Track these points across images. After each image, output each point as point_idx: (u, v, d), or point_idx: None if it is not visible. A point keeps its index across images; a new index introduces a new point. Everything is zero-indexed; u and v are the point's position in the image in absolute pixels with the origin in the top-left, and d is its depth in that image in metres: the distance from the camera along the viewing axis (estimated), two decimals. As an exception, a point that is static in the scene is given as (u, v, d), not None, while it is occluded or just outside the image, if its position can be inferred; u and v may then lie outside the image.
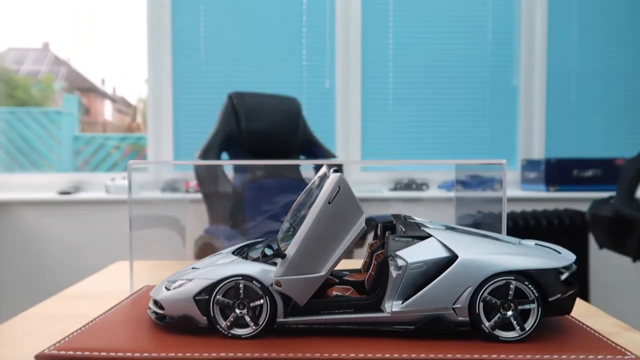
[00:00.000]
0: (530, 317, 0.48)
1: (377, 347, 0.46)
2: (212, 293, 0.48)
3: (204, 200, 1.89)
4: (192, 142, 2.38)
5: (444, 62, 2.44)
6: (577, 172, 2.16)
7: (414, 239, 0.50)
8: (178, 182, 2.24)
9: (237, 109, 2.00)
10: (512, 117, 2.47)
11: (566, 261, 0.50)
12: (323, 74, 2.45)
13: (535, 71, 2.44)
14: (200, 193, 1.93)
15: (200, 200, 1.91)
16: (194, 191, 2.22)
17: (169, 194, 2.11)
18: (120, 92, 3.45)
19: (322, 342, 0.48)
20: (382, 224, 0.60)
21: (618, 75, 2.45)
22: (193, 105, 2.43)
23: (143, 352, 0.45)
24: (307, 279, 0.47)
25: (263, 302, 0.48)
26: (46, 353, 0.45)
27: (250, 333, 0.49)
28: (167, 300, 0.50)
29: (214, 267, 0.51)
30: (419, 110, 2.45)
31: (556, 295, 0.48)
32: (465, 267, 0.48)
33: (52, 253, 2.22)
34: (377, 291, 0.50)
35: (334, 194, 0.46)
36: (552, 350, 0.46)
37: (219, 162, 1.88)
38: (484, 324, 0.48)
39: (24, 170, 2.55)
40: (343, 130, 2.44)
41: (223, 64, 2.42)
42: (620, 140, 2.43)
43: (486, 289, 0.48)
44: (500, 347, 0.46)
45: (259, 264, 0.50)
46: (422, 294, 0.48)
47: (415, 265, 0.48)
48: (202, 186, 1.93)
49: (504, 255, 0.49)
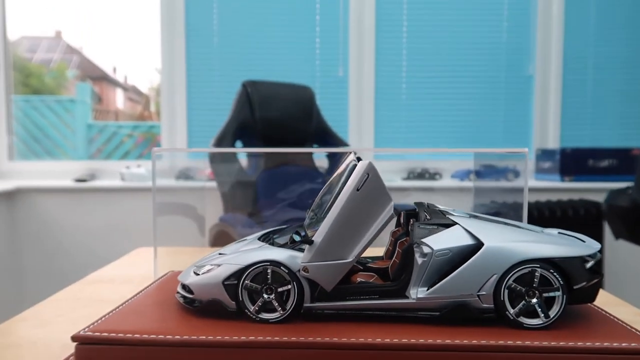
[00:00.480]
0: (554, 305, 0.48)
1: (402, 333, 0.47)
2: (241, 278, 0.49)
3: (218, 189, 1.91)
4: (206, 130, 2.40)
5: (459, 51, 2.42)
6: (592, 162, 2.14)
7: (439, 226, 0.51)
8: (191, 170, 2.26)
9: (251, 97, 2.00)
10: (527, 106, 2.45)
11: (591, 250, 0.50)
12: (336, 62, 2.45)
13: (551, 59, 2.41)
14: (215, 181, 1.94)
15: (215, 189, 1.93)
16: (208, 179, 2.24)
17: (190, 182, 2.13)
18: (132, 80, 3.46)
19: (348, 327, 0.48)
20: (405, 212, 0.60)
21: (635, 64, 2.42)
22: (206, 94, 2.44)
23: (175, 335, 0.46)
24: (334, 265, 0.48)
25: (290, 288, 0.49)
26: (82, 334, 0.46)
27: (277, 317, 0.49)
28: (196, 284, 0.51)
29: (242, 252, 0.52)
30: (433, 99, 2.44)
31: (581, 284, 0.48)
32: (491, 254, 0.48)
33: (70, 239, 2.25)
34: (402, 278, 0.50)
35: (362, 181, 0.46)
36: (577, 337, 0.46)
37: (238, 149, 1.89)
38: (509, 311, 0.48)
39: (39, 158, 2.58)
40: (356, 119, 2.44)
41: (236, 52, 2.42)
42: (636, 129, 2.41)
43: (511, 277, 0.48)
44: (525, 334, 0.47)
45: (286, 250, 0.51)
46: (447, 280, 0.48)
47: (441, 252, 0.49)
48: (216, 174, 1.94)
49: (529, 243, 0.49)
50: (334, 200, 0.48)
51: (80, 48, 3.35)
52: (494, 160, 2.06)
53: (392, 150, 2.73)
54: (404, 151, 2.79)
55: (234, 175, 1.88)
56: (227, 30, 2.42)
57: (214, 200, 1.93)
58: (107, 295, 0.71)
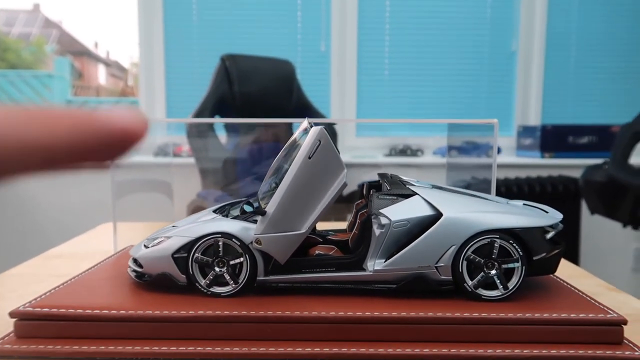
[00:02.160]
0: (513, 276, 0.47)
1: (359, 306, 0.46)
2: (191, 251, 0.47)
3: (196, 165, 1.88)
4: (185, 106, 2.35)
5: (442, 26, 2.39)
6: (572, 139, 2.14)
7: (398, 197, 0.49)
8: (169, 147, 2.22)
9: (230, 71, 1.96)
10: (510, 82, 2.43)
11: (552, 220, 0.49)
12: (318, 36, 2.40)
13: (535, 36, 2.39)
14: (193, 157, 1.91)
15: (193, 165, 1.89)
16: (187, 155, 2.20)
17: (159, 158, 2.09)
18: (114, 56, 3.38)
19: (303, 300, 0.47)
20: (368, 183, 0.59)
21: (618, 42, 2.40)
22: (185, 68, 2.38)
23: (120, 310, 0.44)
24: (287, 237, 0.46)
25: (243, 260, 0.48)
26: (21, 310, 0.44)
27: (229, 291, 0.48)
28: (145, 258, 0.49)
29: (194, 224, 0.50)
30: (415, 74, 2.41)
31: (541, 254, 0.47)
32: (449, 225, 0.47)
33: (40, 216, 2.21)
34: (359, 250, 0.49)
35: (314, 148, 0.44)
36: (535, 308, 0.45)
37: (208, 120, 1.85)
38: (467, 282, 0.47)
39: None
40: (338, 95, 2.40)
41: (216, 25, 2.36)
42: (617, 107, 2.41)
43: (470, 248, 0.47)
44: (483, 306, 0.46)
45: (239, 221, 0.49)
46: (404, 252, 0.47)
47: (399, 223, 0.47)
48: (193, 150, 1.91)
49: (489, 214, 0.48)
50: (287, 170, 0.46)
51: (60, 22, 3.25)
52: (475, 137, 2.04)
53: (362, 121, 2.69)
54: (377, 121, 2.75)
55: (212, 151, 1.84)
56: (207, 3, 2.35)
57: (191, 176, 1.91)
58: (66, 270, 0.69)
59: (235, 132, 1.93)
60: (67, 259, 0.75)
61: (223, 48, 2.18)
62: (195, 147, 1.90)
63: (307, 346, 0.43)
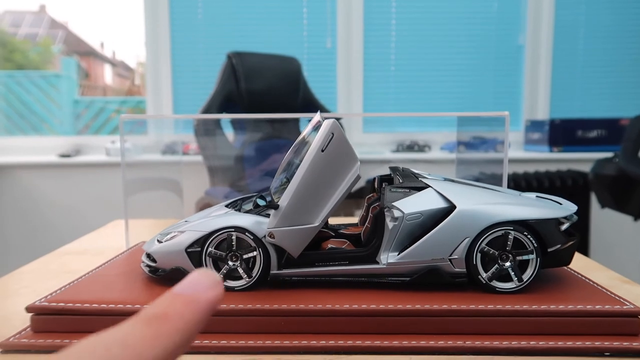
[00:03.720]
0: (528, 268, 0.47)
1: (372, 299, 0.46)
2: (204, 245, 0.48)
3: (204, 162, 1.88)
4: (192, 104, 2.36)
5: (448, 20, 2.37)
6: (581, 133, 2.13)
7: (411, 189, 0.49)
8: (178, 145, 2.22)
9: (236, 68, 1.96)
10: (517, 77, 2.42)
11: (567, 211, 0.48)
12: (324, 33, 2.39)
13: (542, 29, 2.37)
14: (201, 155, 1.91)
15: (201, 163, 1.90)
16: (194, 153, 2.20)
17: (168, 156, 2.09)
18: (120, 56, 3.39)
19: (316, 294, 0.47)
20: (379, 177, 0.58)
21: (626, 35, 2.38)
22: (192, 67, 2.38)
23: (135, 304, 0.45)
24: (300, 230, 0.46)
25: (256, 254, 0.48)
26: (37, 305, 0.44)
27: (243, 285, 0.48)
28: (158, 252, 0.49)
29: (207, 219, 0.50)
30: (422, 71, 2.40)
31: (555, 246, 0.47)
32: (463, 217, 0.46)
33: (53, 214, 2.23)
34: (372, 243, 0.49)
35: (327, 141, 0.44)
36: (550, 300, 0.45)
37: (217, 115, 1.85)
38: (481, 275, 0.47)
39: (24, 134, 2.53)
40: (345, 92, 2.40)
41: (222, 23, 2.36)
42: (626, 100, 2.39)
43: (484, 240, 0.46)
44: (497, 298, 0.46)
45: (252, 215, 0.49)
46: (418, 245, 0.47)
47: (412, 216, 0.47)
48: (201, 148, 1.91)
49: (503, 205, 0.47)
50: (299, 164, 0.46)
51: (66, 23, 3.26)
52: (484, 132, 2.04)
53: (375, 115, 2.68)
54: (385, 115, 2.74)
55: (220, 149, 1.85)
56: (213, 1, 2.35)
57: (200, 174, 1.91)
58: (77, 266, 0.69)
59: (242, 130, 1.93)
60: (79, 255, 0.75)
61: (229, 46, 2.19)
62: (203, 145, 1.91)
63: (321, 339, 0.43)
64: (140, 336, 0.19)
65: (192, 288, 0.22)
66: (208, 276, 0.23)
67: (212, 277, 0.23)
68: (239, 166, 1.85)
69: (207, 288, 0.22)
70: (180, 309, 0.21)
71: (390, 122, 2.49)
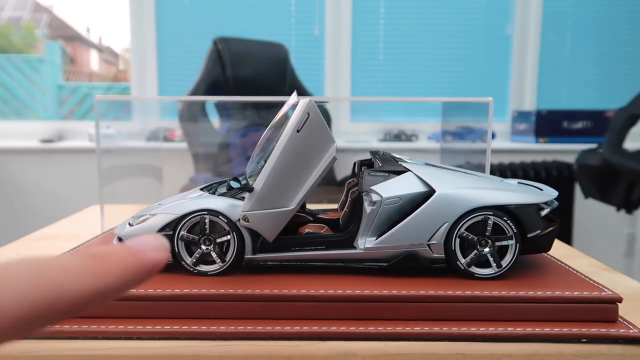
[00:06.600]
0: (507, 254, 0.46)
1: (349, 284, 0.45)
2: (177, 228, 0.46)
3: (189, 149, 1.86)
4: (178, 90, 2.32)
5: (437, 10, 2.36)
6: (567, 124, 2.13)
7: (390, 173, 0.48)
8: (160, 131, 2.19)
9: (222, 54, 1.93)
10: (505, 67, 2.41)
11: (547, 197, 0.48)
12: (312, 20, 2.36)
13: (530, 20, 2.37)
14: (185, 141, 1.89)
15: (186, 149, 1.87)
16: (180, 140, 2.17)
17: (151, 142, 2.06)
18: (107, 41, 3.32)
19: (292, 279, 0.46)
20: (359, 161, 0.57)
21: (614, 27, 2.39)
22: (178, 52, 2.35)
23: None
24: (275, 213, 0.45)
25: (230, 238, 0.46)
26: None
27: (216, 270, 0.47)
28: (129, 236, 0.47)
29: (180, 202, 0.48)
30: (410, 59, 2.39)
31: (535, 232, 0.46)
32: (442, 201, 0.45)
33: (35, 200, 2.19)
34: (350, 228, 0.48)
35: (302, 121, 0.43)
36: (528, 286, 0.44)
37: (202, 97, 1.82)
38: (460, 260, 0.46)
39: (7, 119, 2.48)
40: (332, 79, 2.38)
41: (208, 8, 2.33)
42: (612, 92, 2.40)
43: (463, 225, 0.46)
44: (476, 284, 0.45)
45: (226, 198, 0.47)
46: (396, 229, 0.46)
47: (390, 200, 0.46)
48: (186, 134, 1.89)
49: (483, 190, 0.46)
50: (274, 146, 0.44)
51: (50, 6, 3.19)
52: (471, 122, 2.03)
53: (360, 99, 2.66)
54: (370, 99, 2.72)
55: (205, 135, 1.82)
56: (198, -15, 2.31)
57: (185, 161, 1.89)
58: (50, 251, 0.67)
59: (228, 117, 1.91)
60: (52, 240, 0.73)
61: (216, 31, 2.15)
62: (188, 132, 1.88)
63: (295, 325, 0.42)
64: (77, 267, 0.20)
65: (140, 245, 0.23)
66: (157, 239, 0.24)
67: (161, 241, 0.24)
68: (224, 153, 1.83)
69: (153, 249, 0.23)
70: (122, 256, 0.22)
71: (378, 111, 2.47)
